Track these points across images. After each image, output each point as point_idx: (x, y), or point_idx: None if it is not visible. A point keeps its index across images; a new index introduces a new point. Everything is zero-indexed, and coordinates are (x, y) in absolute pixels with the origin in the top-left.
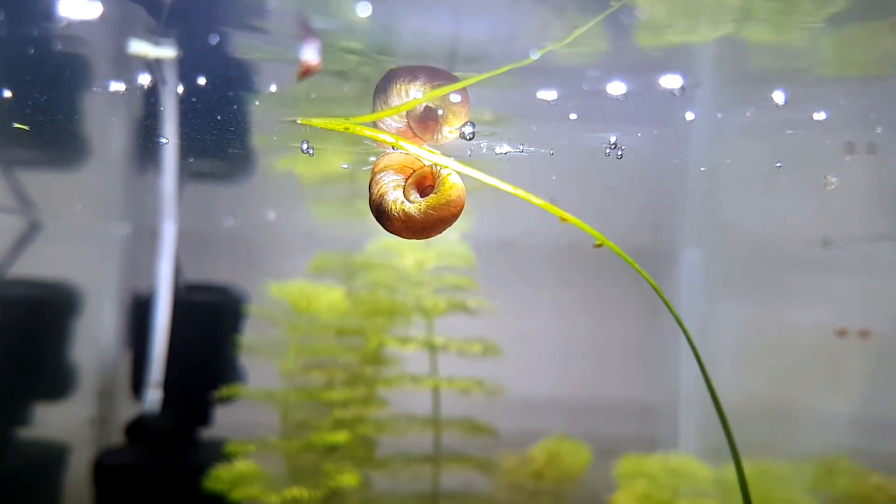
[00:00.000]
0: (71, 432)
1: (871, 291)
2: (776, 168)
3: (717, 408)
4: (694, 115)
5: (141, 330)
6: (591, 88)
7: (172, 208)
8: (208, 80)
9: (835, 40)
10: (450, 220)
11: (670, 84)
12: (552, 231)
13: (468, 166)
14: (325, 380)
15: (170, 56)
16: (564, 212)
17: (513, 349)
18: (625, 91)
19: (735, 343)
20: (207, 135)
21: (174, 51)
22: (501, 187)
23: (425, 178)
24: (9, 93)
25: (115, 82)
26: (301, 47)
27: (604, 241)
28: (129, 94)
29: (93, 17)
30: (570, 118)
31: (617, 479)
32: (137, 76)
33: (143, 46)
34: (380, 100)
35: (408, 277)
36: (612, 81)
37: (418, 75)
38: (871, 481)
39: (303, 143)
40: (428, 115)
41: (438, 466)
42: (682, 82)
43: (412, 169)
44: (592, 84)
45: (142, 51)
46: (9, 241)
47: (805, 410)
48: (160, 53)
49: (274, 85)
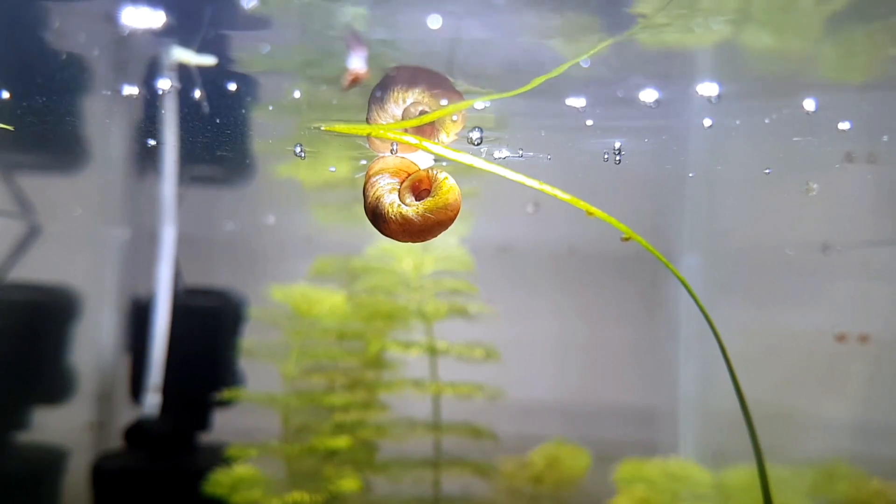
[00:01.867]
0: (70, 436)
1: (871, 296)
2: (774, 174)
3: (746, 414)
4: (711, 122)
5: (140, 334)
6: (596, 94)
7: (172, 212)
8: (217, 87)
9: (835, 43)
10: (446, 224)
11: (707, 91)
12: (551, 236)
13: (488, 169)
14: (326, 384)
15: (210, 64)
16: (591, 206)
17: (512, 354)
18: (657, 97)
19: (734, 348)
20: (209, 140)
21: (213, 59)
22: (527, 184)
23: (421, 182)
24: (6, 94)
25: (127, 86)
26: (349, 56)
27: (631, 235)
28: (129, 98)
29: (156, 26)
30: (574, 123)
31: (616, 484)
32: (138, 80)
33: (185, 53)
34: (376, 105)
35: (407, 282)
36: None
37: (417, 82)
38: (870, 486)
39: (296, 146)
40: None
41: (438, 471)
42: (718, 90)
43: (407, 172)
44: (597, 89)
45: (183, 58)
46: (8, 244)
47: (804, 415)
48: (200, 61)
49: (298, 92)
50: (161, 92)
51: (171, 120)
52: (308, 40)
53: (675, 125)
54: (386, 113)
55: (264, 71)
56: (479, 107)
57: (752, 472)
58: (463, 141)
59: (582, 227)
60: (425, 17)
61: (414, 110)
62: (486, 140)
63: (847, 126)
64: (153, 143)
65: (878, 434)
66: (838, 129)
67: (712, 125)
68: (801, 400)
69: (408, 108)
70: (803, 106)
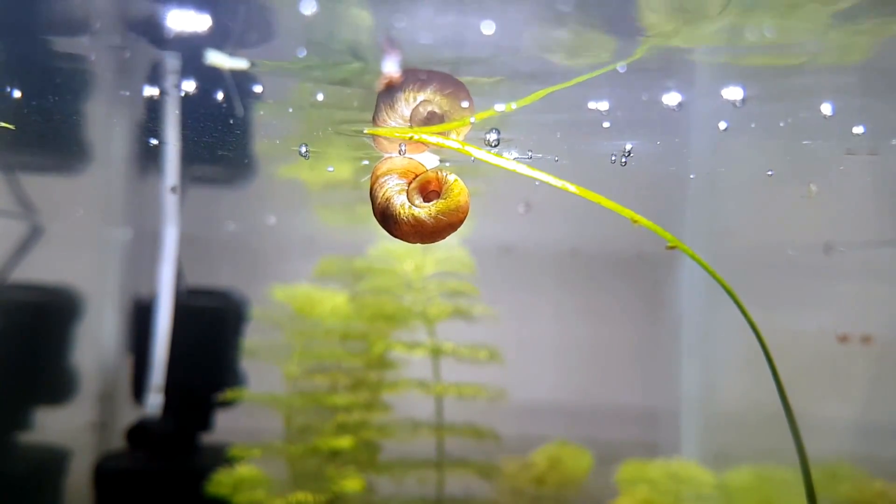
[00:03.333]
0: (72, 437)
1: (873, 297)
2: (774, 175)
3: (790, 420)
4: (727, 125)
5: (142, 334)
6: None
7: (174, 212)
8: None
9: (841, 43)
10: (457, 226)
11: (731, 96)
12: (553, 236)
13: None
14: (328, 384)
15: (242, 67)
16: (637, 214)
17: (514, 354)
18: (680, 100)
19: (736, 349)
20: (215, 140)
21: (245, 62)
22: (570, 189)
23: (430, 183)
24: (19, 93)
25: (148, 87)
26: (383, 60)
27: (676, 244)
28: (131, 98)
29: (202, 30)
30: (589, 127)
31: (618, 485)
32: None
33: (220, 57)
34: (386, 104)
35: (409, 283)
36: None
37: (430, 83)
38: (873, 487)
39: (301, 146)
40: (432, 120)
41: (441, 471)
42: (742, 94)
43: (415, 173)
44: (601, 91)
45: (218, 62)
46: (10, 245)
47: (807, 416)
48: (235, 65)
49: (321, 95)
50: (163, 93)
51: (173, 120)
52: (315, 48)
53: (683, 128)
54: (395, 112)
55: (271, 71)
56: (499, 108)
57: (755, 473)
58: (472, 141)
59: (584, 227)
60: (436, 21)
61: (423, 109)
62: (506, 141)
63: (861, 130)
64: (155, 142)
65: (881, 435)
66: (841, 129)
67: (727, 128)
68: (803, 400)
69: (416, 108)
70: (820, 110)
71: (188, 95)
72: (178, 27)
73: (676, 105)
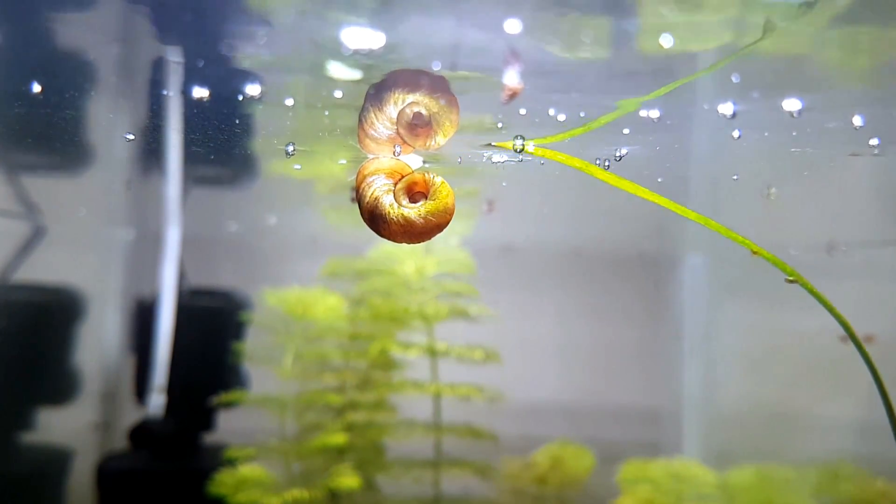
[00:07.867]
0: (74, 437)
1: (876, 296)
2: (777, 175)
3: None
4: (739, 134)
5: (144, 335)
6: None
7: (176, 213)
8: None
9: (840, 46)
10: (443, 227)
11: (790, 107)
12: (553, 236)
13: None
14: (329, 385)
15: (357, 78)
16: (754, 244)
17: (515, 354)
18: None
19: (739, 348)
20: (223, 140)
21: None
22: (640, 193)
23: (416, 184)
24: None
25: (151, 87)
26: (504, 71)
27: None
28: (133, 98)
29: (377, 47)
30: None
31: (620, 485)
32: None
33: (340, 68)
34: (374, 106)
35: (409, 284)
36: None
37: (419, 85)
38: (874, 486)
39: (288, 145)
40: (418, 122)
41: (440, 471)
42: (800, 105)
43: (401, 174)
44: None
45: (336, 73)
46: (13, 245)
47: (809, 415)
48: (351, 76)
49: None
50: (166, 93)
51: (176, 121)
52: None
53: (685, 135)
54: (383, 114)
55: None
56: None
57: (757, 473)
58: (458, 143)
59: (585, 227)
60: (425, 23)
61: (409, 111)
62: (485, 143)
63: (860, 122)
64: (156, 143)
65: (883, 434)
66: (843, 130)
67: (719, 124)
68: (805, 400)
69: (403, 110)
70: (805, 107)
71: (191, 96)
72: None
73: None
